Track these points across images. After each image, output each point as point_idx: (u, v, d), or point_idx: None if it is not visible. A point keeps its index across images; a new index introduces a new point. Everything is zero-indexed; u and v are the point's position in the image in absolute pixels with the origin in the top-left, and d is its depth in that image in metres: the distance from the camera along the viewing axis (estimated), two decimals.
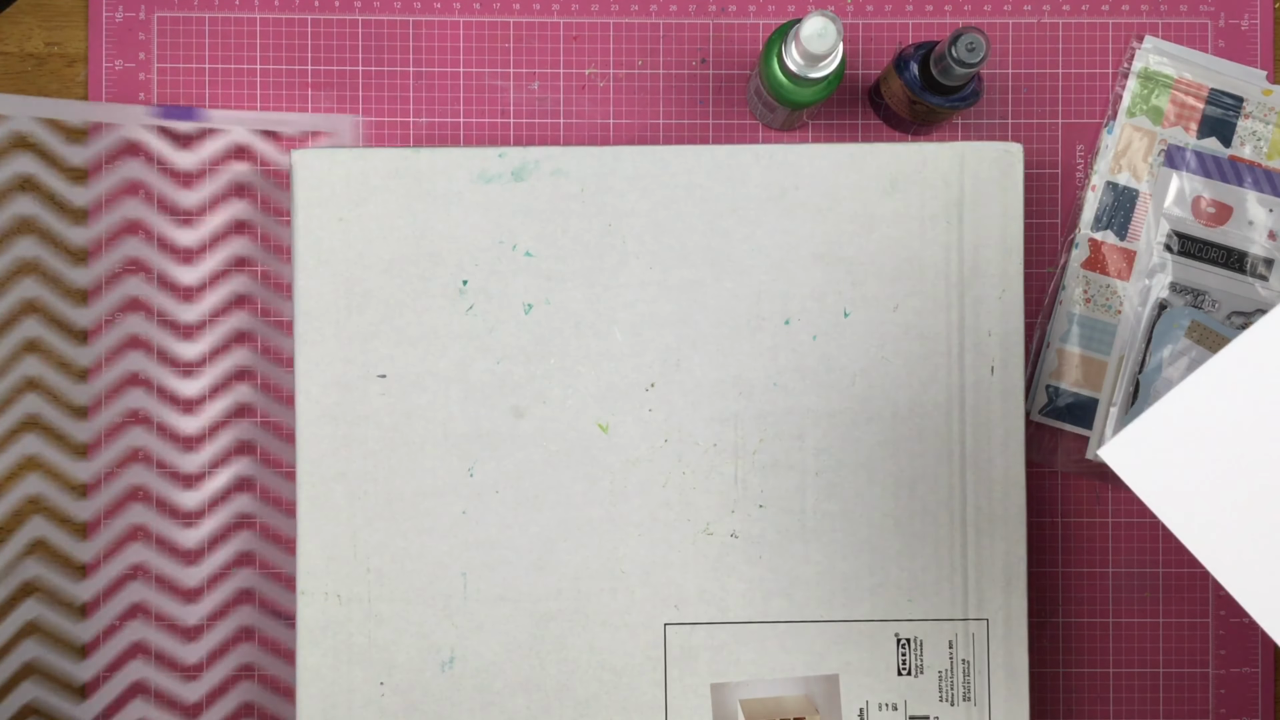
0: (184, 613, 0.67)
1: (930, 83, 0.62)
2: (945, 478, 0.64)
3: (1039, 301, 0.68)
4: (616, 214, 0.64)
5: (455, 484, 0.63)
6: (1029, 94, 0.69)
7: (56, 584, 0.66)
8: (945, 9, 0.69)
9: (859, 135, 0.69)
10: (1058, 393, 0.67)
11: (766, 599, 0.64)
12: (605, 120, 0.69)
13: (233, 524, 0.67)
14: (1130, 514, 0.68)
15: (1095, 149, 0.68)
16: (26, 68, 0.68)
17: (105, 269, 0.66)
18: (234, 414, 0.67)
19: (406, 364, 0.63)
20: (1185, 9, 0.69)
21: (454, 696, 0.63)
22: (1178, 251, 0.67)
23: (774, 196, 0.64)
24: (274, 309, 0.68)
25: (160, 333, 0.67)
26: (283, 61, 0.68)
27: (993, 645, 0.64)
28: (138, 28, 0.68)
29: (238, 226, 0.67)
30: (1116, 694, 0.69)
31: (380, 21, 0.68)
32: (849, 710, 0.64)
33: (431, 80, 0.68)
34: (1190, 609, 0.69)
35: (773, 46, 0.61)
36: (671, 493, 0.64)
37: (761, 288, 0.64)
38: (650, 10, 0.69)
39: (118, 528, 0.67)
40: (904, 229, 0.64)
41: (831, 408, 0.64)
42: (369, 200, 0.63)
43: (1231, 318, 0.67)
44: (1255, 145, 0.67)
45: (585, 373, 0.64)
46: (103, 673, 0.67)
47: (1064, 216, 0.69)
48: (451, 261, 0.63)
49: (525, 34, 0.69)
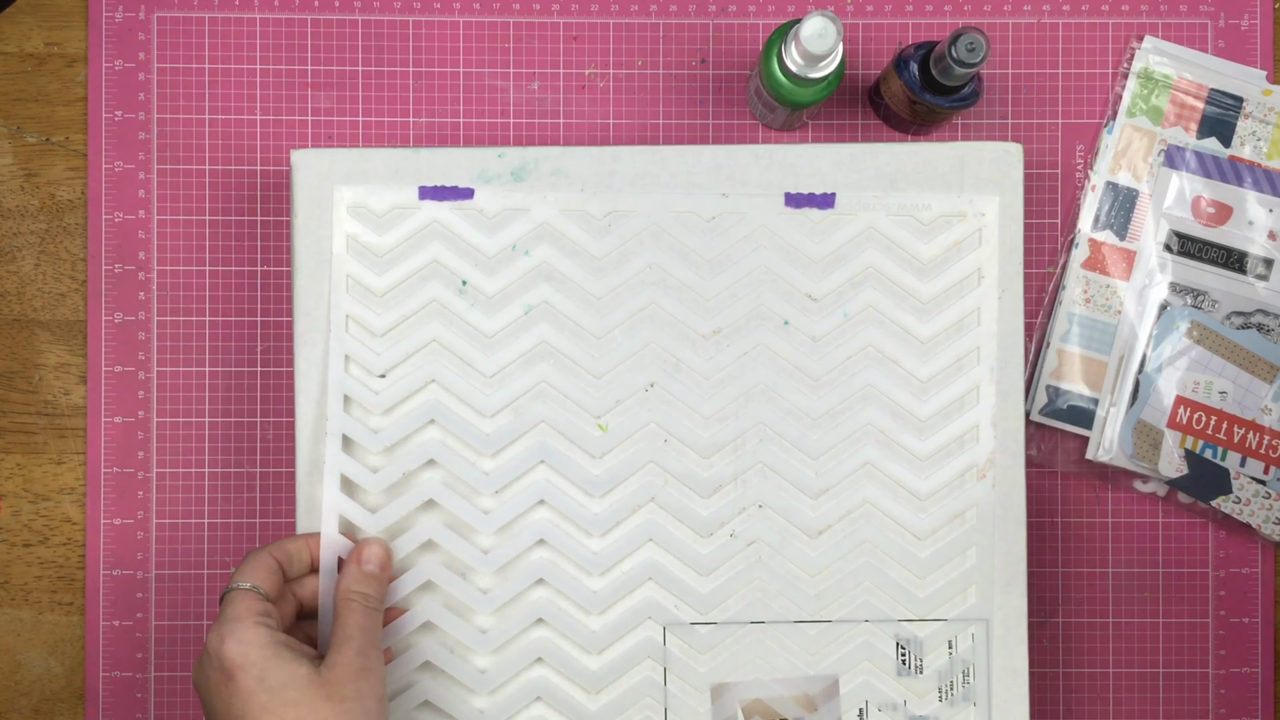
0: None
1: (930, 83, 0.62)
2: (948, 479, 0.64)
3: (1039, 301, 0.68)
4: (616, 214, 0.64)
5: (454, 484, 0.63)
6: (1029, 94, 0.69)
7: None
8: (945, 9, 0.69)
9: (859, 135, 0.69)
10: (1058, 393, 0.67)
11: (766, 599, 0.64)
12: (605, 120, 0.69)
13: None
14: (1130, 514, 0.68)
15: (1095, 149, 0.68)
16: (26, 68, 0.68)
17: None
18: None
19: (406, 365, 0.63)
20: (1185, 9, 0.69)
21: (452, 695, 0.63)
22: (1178, 251, 0.67)
23: (774, 196, 0.64)
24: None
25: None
26: (283, 61, 0.68)
27: (992, 646, 0.64)
28: (138, 28, 0.68)
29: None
30: (1116, 694, 0.68)
31: (380, 21, 0.68)
32: (848, 711, 0.64)
33: (431, 80, 0.68)
34: (1190, 609, 0.69)
35: (773, 46, 0.61)
36: (673, 493, 0.64)
37: (761, 288, 0.64)
38: (650, 10, 0.69)
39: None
40: (904, 229, 0.64)
41: (831, 408, 0.64)
42: (369, 201, 0.63)
43: (1231, 318, 0.67)
44: (1255, 145, 0.67)
45: (585, 373, 0.64)
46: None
47: (1064, 216, 0.69)
48: (451, 262, 0.63)
49: (525, 34, 0.69)
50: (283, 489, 0.68)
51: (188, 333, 0.68)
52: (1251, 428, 0.66)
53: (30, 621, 0.68)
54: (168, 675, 0.67)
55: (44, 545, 0.68)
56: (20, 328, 0.68)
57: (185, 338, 0.68)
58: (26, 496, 0.68)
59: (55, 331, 0.68)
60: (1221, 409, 0.66)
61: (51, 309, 0.68)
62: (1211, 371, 0.66)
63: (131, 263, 0.68)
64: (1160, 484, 0.68)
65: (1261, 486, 0.66)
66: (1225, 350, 0.66)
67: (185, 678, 0.68)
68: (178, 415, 0.68)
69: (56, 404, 0.68)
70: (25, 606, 0.68)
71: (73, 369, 0.68)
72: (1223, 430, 0.66)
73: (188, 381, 0.68)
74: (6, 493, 0.68)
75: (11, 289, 0.68)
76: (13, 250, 0.68)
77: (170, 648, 0.67)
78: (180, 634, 0.68)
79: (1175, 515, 0.69)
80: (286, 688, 0.53)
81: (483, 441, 0.63)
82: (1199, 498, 0.67)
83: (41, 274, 0.68)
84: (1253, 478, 0.66)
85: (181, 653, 0.68)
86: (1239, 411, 0.66)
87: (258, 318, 0.68)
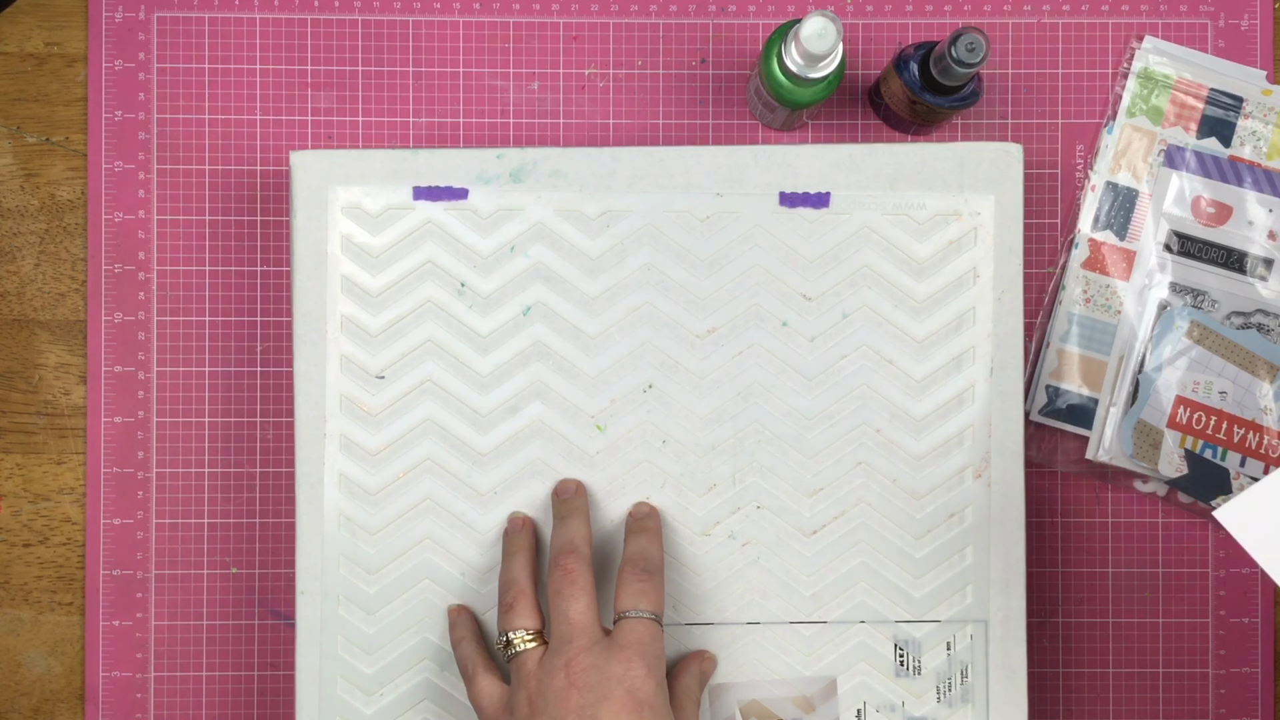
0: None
1: (930, 83, 0.62)
2: (944, 478, 0.64)
3: (1039, 301, 0.68)
4: (611, 214, 0.64)
5: (453, 484, 0.63)
6: (1029, 94, 0.69)
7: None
8: (945, 9, 0.69)
9: (859, 135, 0.69)
10: (1058, 393, 0.67)
11: (765, 599, 0.64)
12: (605, 120, 0.69)
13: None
14: (1130, 514, 0.68)
15: (1095, 149, 0.68)
16: (26, 68, 0.68)
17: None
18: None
19: (405, 365, 0.63)
20: (1185, 9, 0.69)
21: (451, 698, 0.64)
22: (1178, 251, 0.67)
23: (769, 196, 0.64)
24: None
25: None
26: (283, 61, 0.68)
27: (991, 646, 0.64)
28: (138, 28, 0.68)
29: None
30: (1116, 694, 0.68)
31: (380, 21, 0.68)
32: (846, 711, 0.64)
33: (431, 80, 0.68)
34: (1190, 609, 0.69)
35: (773, 46, 0.61)
36: (669, 493, 0.64)
37: (759, 288, 0.64)
38: (650, 10, 0.69)
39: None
40: (903, 230, 0.64)
41: (829, 409, 0.64)
42: (364, 202, 0.63)
43: (1231, 318, 0.67)
44: (1255, 145, 0.67)
45: (583, 374, 0.64)
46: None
47: (1064, 216, 0.69)
48: (446, 262, 0.63)
49: (525, 34, 0.69)
50: (283, 489, 0.68)
51: (188, 333, 0.68)
52: (1251, 428, 0.66)
53: (30, 621, 0.68)
54: (167, 675, 0.68)
55: (44, 545, 0.68)
56: (20, 328, 0.68)
57: (185, 338, 0.68)
58: (26, 496, 0.68)
59: (55, 331, 0.68)
60: (1221, 409, 0.66)
61: (51, 309, 0.68)
62: (1211, 371, 0.66)
63: (131, 263, 0.68)
64: (1160, 484, 0.68)
65: None
66: (1225, 350, 0.66)
67: (185, 678, 0.68)
68: (178, 415, 0.68)
69: (56, 404, 0.68)
70: (25, 606, 0.68)
71: (73, 369, 0.68)
72: (1223, 430, 0.66)
73: (188, 381, 0.68)
74: (6, 493, 0.68)
75: (11, 289, 0.68)
76: (13, 250, 0.68)
77: (170, 648, 0.68)
78: (180, 634, 0.68)
79: (1175, 515, 0.69)
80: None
81: (479, 441, 0.63)
82: (1199, 498, 0.67)
83: (41, 274, 0.68)
84: (1253, 478, 0.66)
85: (181, 653, 0.68)
86: (1239, 411, 0.66)
87: (257, 318, 0.68)
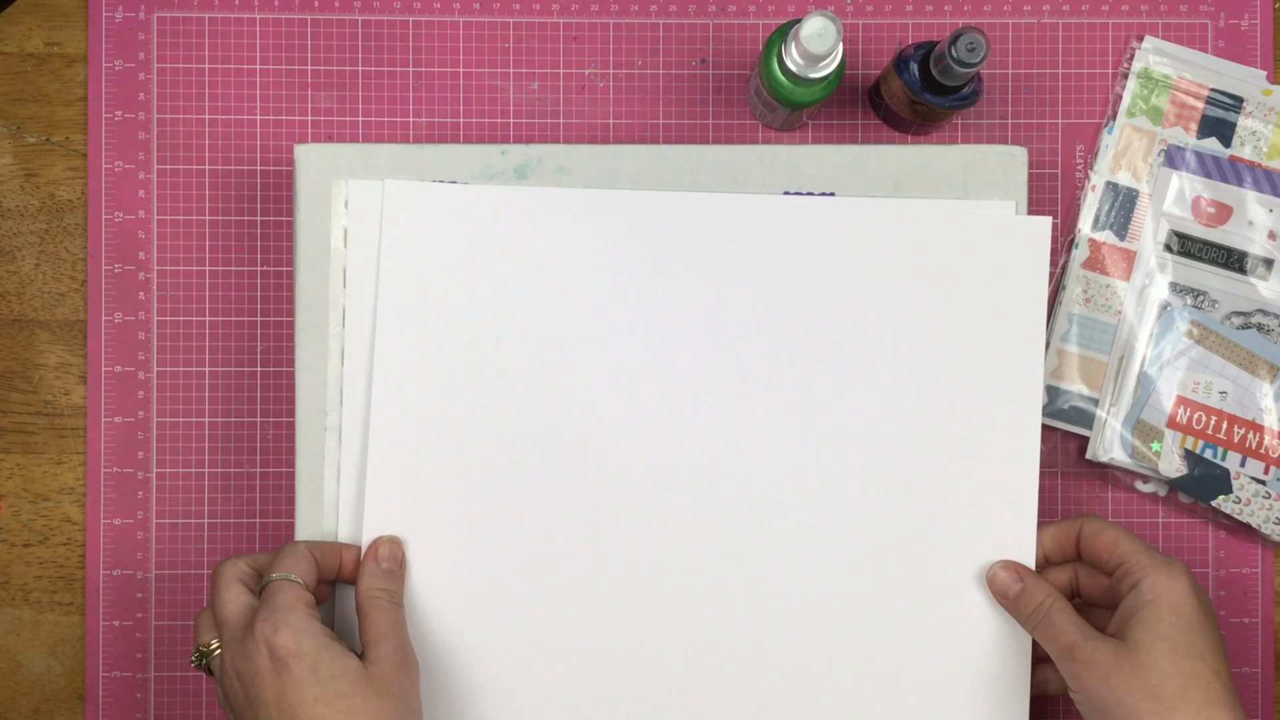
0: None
1: (930, 83, 0.62)
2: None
3: None
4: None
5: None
6: (1029, 94, 0.69)
7: None
8: (945, 9, 0.69)
9: (859, 135, 0.69)
10: (1058, 393, 0.67)
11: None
12: (605, 120, 0.69)
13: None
14: (1130, 514, 0.68)
15: (1095, 149, 0.68)
16: (26, 68, 0.68)
17: None
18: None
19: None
20: (1185, 9, 0.69)
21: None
22: (1177, 251, 0.67)
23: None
24: None
25: None
26: (283, 61, 0.68)
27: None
28: (138, 28, 0.68)
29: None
30: None
31: (380, 21, 0.68)
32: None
33: (431, 80, 0.68)
34: None
35: (773, 46, 0.61)
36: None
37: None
38: (650, 10, 0.69)
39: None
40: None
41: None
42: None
43: (1231, 318, 0.67)
44: (1255, 145, 0.67)
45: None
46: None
47: (1064, 216, 0.69)
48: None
49: (525, 34, 0.69)
50: (283, 489, 0.68)
51: (188, 333, 0.68)
52: (1251, 428, 0.66)
53: (30, 621, 0.68)
54: (167, 675, 0.67)
55: (44, 545, 0.68)
56: (20, 328, 0.68)
57: (185, 338, 0.68)
58: (26, 496, 0.68)
59: (55, 331, 0.68)
60: (1221, 409, 0.66)
61: (51, 309, 0.68)
62: (1211, 371, 0.66)
63: (131, 263, 0.68)
64: (1160, 484, 0.68)
65: (1261, 486, 0.66)
66: (1225, 350, 0.66)
67: (185, 678, 0.68)
68: (178, 415, 0.68)
69: (56, 404, 0.68)
70: (25, 606, 0.68)
71: (73, 369, 0.68)
72: (1223, 430, 0.66)
73: (188, 381, 0.68)
74: (6, 493, 0.68)
75: (11, 289, 0.68)
76: (13, 250, 0.68)
77: (170, 648, 0.67)
78: (180, 634, 0.67)
79: (1175, 515, 0.69)
80: (340, 680, 0.53)
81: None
82: (1199, 498, 0.67)
83: (41, 274, 0.68)
84: (1253, 478, 0.66)
85: (181, 653, 0.67)
86: (1239, 411, 0.66)
87: (258, 317, 0.68)
